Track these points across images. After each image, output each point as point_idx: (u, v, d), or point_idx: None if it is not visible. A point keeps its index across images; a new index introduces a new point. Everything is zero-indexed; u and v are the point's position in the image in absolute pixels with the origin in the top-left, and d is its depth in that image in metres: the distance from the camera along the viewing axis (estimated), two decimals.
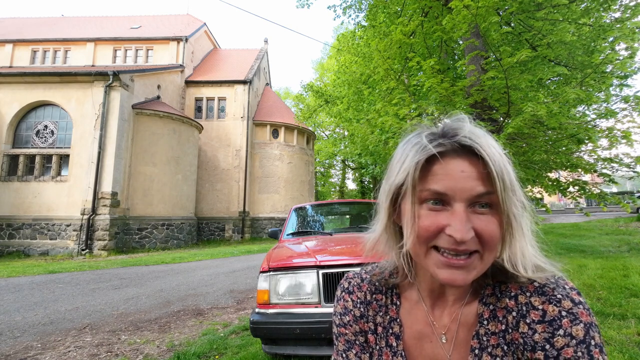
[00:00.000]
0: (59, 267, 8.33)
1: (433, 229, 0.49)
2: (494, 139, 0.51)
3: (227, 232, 17.20)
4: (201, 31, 20.94)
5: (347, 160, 27.90)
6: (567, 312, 0.47)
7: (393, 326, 0.60)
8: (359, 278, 0.66)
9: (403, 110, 4.41)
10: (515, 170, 0.51)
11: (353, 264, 2.25)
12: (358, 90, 7.62)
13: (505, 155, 0.50)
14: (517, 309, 0.51)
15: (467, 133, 0.49)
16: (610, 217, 14.54)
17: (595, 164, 4.15)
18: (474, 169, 0.48)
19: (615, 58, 4.02)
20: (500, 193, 0.47)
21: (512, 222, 0.48)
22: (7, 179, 12.23)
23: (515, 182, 0.49)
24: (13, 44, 18.82)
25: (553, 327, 0.47)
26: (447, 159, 0.49)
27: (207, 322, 3.84)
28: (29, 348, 3.11)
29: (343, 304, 0.65)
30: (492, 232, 0.48)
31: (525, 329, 0.49)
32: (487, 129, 0.53)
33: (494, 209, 0.49)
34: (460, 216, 0.47)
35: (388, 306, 0.62)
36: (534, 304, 0.49)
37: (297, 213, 4.15)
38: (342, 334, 0.63)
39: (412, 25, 5.03)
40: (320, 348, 2.13)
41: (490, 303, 0.54)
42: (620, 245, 7.43)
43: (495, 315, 0.53)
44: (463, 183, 0.48)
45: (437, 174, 0.49)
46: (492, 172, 0.47)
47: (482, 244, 0.48)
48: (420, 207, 0.51)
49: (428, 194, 0.49)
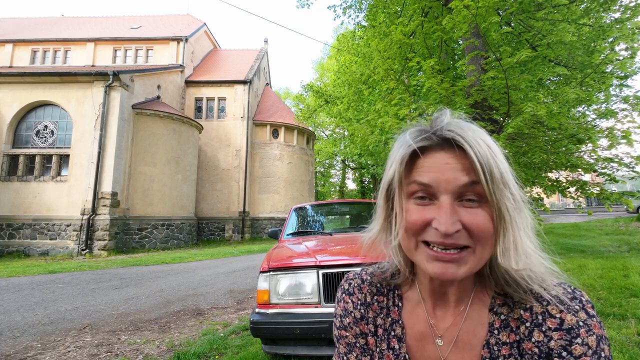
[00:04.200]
0: (59, 267, 8.33)
1: (420, 222, 0.49)
2: (484, 132, 0.51)
3: (227, 232, 17.20)
4: (201, 31, 20.95)
5: (347, 160, 27.90)
6: (583, 322, 0.47)
7: (395, 328, 0.59)
8: (359, 279, 0.65)
9: (403, 110, 4.41)
10: (511, 165, 0.51)
11: (353, 264, 2.25)
12: (358, 91, 7.63)
13: (497, 147, 0.49)
14: (531, 319, 0.50)
15: (450, 126, 0.50)
16: (610, 217, 14.53)
17: (595, 164, 4.15)
18: (458, 161, 0.48)
19: (615, 58, 4.02)
20: (486, 184, 0.46)
21: (504, 216, 0.47)
22: (7, 179, 12.22)
23: (506, 175, 0.48)
24: (13, 44, 18.82)
25: (571, 335, 0.46)
26: (431, 153, 0.50)
27: (207, 322, 3.84)
28: (29, 348, 3.11)
29: (343, 306, 0.64)
30: (481, 225, 0.47)
31: (540, 337, 0.48)
32: (487, 129, 0.53)
33: (484, 203, 0.48)
34: (445, 209, 0.47)
35: (390, 308, 0.61)
36: (551, 312, 0.49)
37: (297, 213, 4.15)
38: (342, 336, 0.62)
39: (412, 26, 5.03)
40: (320, 348, 2.13)
41: (502, 313, 0.53)
42: (620, 245, 7.42)
43: (507, 325, 0.52)
44: (447, 174, 0.48)
45: (421, 167, 0.50)
46: (475, 162, 0.46)
47: (473, 238, 0.47)
48: (407, 201, 0.52)
49: (414, 187, 0.50)
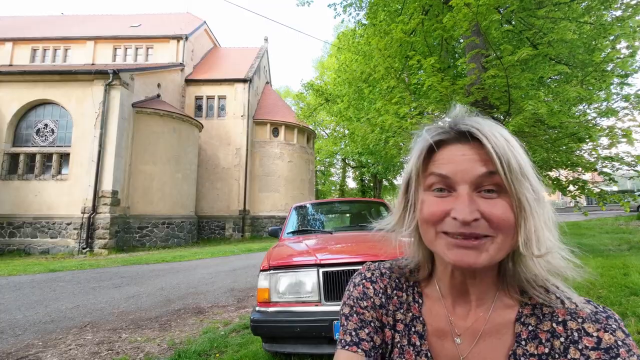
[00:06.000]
0: (59, 265, 8.34)
1: (439, 213, 0.50)
2: (502, 127, 0.51)
3: (228, 231, 17.21)
4: (201, 30, 20.90)
5: (348, 159, 27.87)
6: (622, 342, 0.46)
7: (416, 324, 0.59)
8: (379, 271, 0.65)
9: (403, 109, 4.41)
10: (531, 159, 0.51)
11: (353, 262, 2.25)
12: (358, 89, 7.62)
13: (515, 141, 0.50)
14: (565, 335, 0.49)
15: (466, 120, 0.52)
16: (610, 215, 14.52)
17: (595, 163, 4.15)
18: (474, 152, 0.50)
19: (616, 56, 4.02)
20: (504, 174, 0.47)
21: (524, 206, 0.48)
22: (7, 178, 12.22)
23: (526, 167, 0.49)
24: (13, 42, 18.80)
25: (610, 355, 0.45)
26: (448, 146, 0.52)
27: (207, 321, 3.85)
28: (31, 346, 3.12)
29: (362, 290, 0.62)
30: (501, 214, 0.47)
31: (576, 354, 0.47)
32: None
33: (503, 194, 0.49)
34: (463, 198, 0.48)
35: (410, 303, 0.61)
36: (587, 330, 0.48)
37: (298, 212, 4.15)
38: (357, 312, 0.60)
39: (413, 24, 5.02)
40: (320, 346, 2.13)
41: (529, 324, 0.52)
42: (620, 243, 7.42)
43: (536, 337, 0.51)
44: (464, 165, 0.50)
45: (439, 160, 0.52)
46: (491, 153, 0.47)
47: (493, 228, 0.48)
48: (425, 193, 0.53)
49: (432, 179, 0.52)
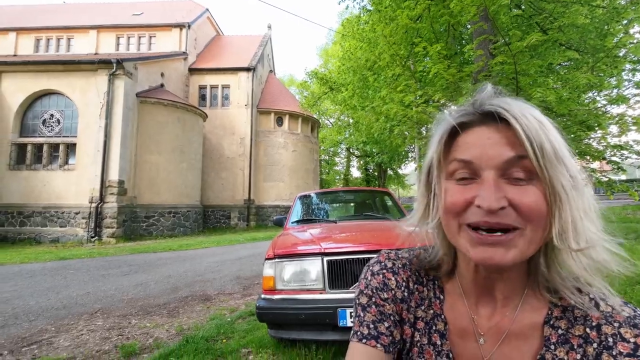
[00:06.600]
0: (69, 253, 8.53)
1: (461, 202, 0.45)
2: (534, 107, 0.46)
3: (233, 220, 17.38)
4: (204, 17, 20.64)
5: (352, 148, 27.73)
6: None
7: (437, 322, 0.55)
8: (400, 262, 0.59)
9: (409, 97, 4.34)
10: (567, 142, 0.46)
11: (357, 251, 2.27)
12: (363, 77, 7.51)
13: (549, 122, 0.45)
14: (599, 340, 0.45)
15: (493, 100, 0.47)
16: (618, 204, 14.37)
17: (604, 151, 4.08)
18: (502, 135, 0.45)
19: (629, 41, 3.89)
20: (535, 158, 0.42)
21: (559, 194, 0.42)
22: (16, 168, 12.40)
23: (561, 150, 0.43)
24: (16, 32, 18.75)
25: None
26: (472, 129, 0.47)
27: (214, 308, 3.93)
28: (44, 331, 3.22)
29: (382, 279, 0.57)
30: (531, 203, 0.42)
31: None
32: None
33: (534, 180, 0.43)
34: (489, 184, 0.43)
35: (431, 299, 0.56)
36: (624, 335, 0.44)
37: (302, 201, 4.16)
38: (377, 304, 0.55)
39: (419, 9, 4.89)
40: (324, 333, 2.17)
41: (559, 327, 0.48)
42: (627, 232, 7.40)
43: (566, 341, 0.47)
44: (490, 149, 0.45)
45: (462, 144, 0.47)
46: (521, 135, 0.42)
47: (523, 218, 0.43)
48: (447, 181, 0.49)
49: (454, 165, 0.47)
